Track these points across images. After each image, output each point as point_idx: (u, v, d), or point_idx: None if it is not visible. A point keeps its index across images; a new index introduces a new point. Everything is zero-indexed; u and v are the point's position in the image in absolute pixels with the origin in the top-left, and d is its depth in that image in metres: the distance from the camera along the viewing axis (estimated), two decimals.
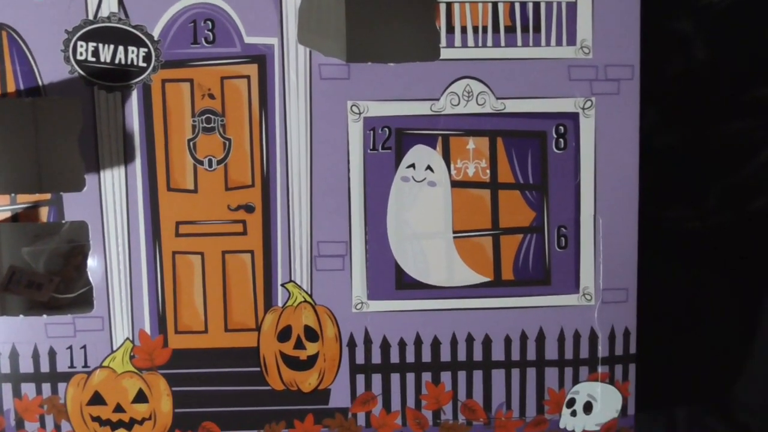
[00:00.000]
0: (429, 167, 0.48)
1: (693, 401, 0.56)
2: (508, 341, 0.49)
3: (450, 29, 0.47)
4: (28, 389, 0.48)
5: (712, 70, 0.56)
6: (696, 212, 0.58)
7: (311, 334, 0.48)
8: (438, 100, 0.47)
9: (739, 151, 0.57)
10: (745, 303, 0.58)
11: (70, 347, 0.47)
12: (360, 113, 0.47)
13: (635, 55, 0.47)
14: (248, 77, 0.47)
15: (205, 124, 0.47)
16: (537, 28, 0.47)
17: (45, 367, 0.47)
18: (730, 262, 0.58)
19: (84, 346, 0.47)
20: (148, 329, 0.47)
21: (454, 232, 0.48)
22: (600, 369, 0.49)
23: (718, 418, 0.56)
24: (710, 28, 0.56)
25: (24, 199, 0.47)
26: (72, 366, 0.47)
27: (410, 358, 0.49)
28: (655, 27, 0.48)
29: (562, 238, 0.49)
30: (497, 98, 0.47)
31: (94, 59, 0.46)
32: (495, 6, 0.47)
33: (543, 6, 0.47)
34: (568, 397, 0.49)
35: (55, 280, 0.51)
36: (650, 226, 0.51)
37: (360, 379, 0.49)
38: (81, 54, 0.46)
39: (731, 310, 0.58)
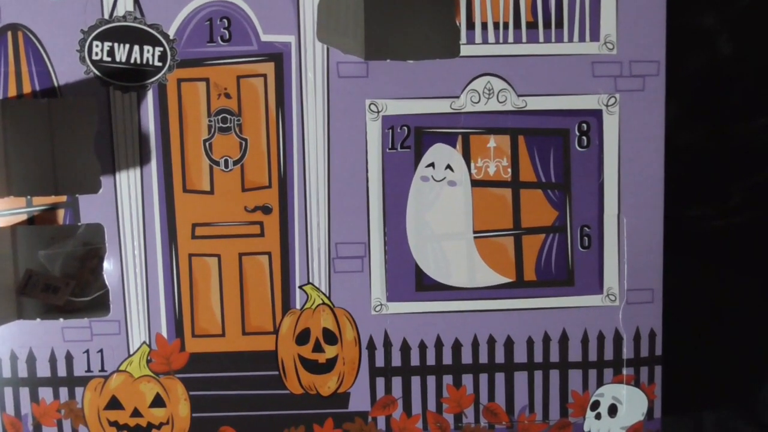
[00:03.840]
0: (449, 166, 0.47)
1: (720, 403, 0.54)
2: (530, 343, 0.48)
3: (470, 25, 0.46)
4: (46, 394, 0.47)
5: (738, 66, 0.55)
6: (722, 211, 0.57)
7: (330, 337, 0.47)
8: (458, 97, 0.46)
9: (763, 149, 0.56)
10: None
11: (87, 351, 0.47)
12: (378, 112, 0.46)
13: (661, 51, 0.46)
14: (265, 76, 0.46)
15: (221, 124, 0.46)
16: (559, 24, 0.46)
17: (62, 372, 0.47)
18: (757, 261, 0.57)
19: (101, 350, 0.47)
20: (165, 333, 0.47)
21: (475, 233, 0.47)
22: (625, 371, 0.48)
23: (746, 421, 0.55)
24: (736, 23, 0.54)
25: (40, 202, 0.47)
26: (89, 370, 0.47)
27: (431, 360, 0.48)
28: (680, 22, 0.47)
29: (586, 238, 0.48)
30: (519, 95, 0.46)
31: (109, 59, 0.45)
32: (516, 1, 0.46)
33: (566, 1, 0.46)
34: (593, 399, 0.48)
35: (72, 284, 0.51)
36: (676, 225, 0.50)
37: (380, 382, 0.48)
38: (96, 54, 0.45)
39: (759, 310, 0.57)
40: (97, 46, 0.45)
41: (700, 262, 0.57)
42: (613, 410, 0.48)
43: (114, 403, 0.47)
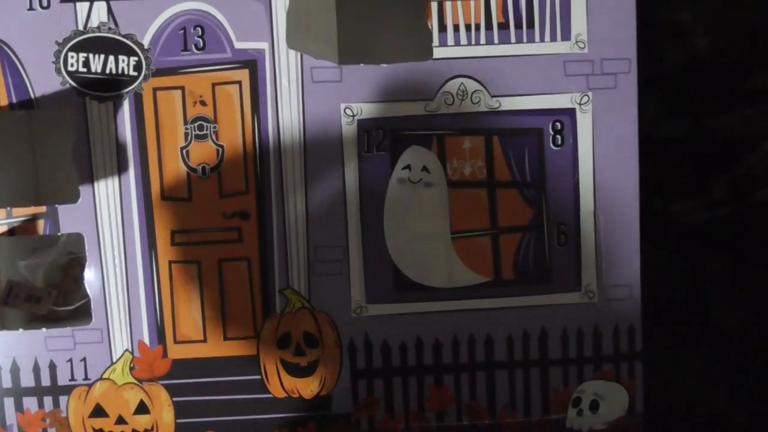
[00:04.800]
0: (425, 168, 0.47)
1: (702, 396, 0.55)
2: (510, 341, 0.48)
3: (442, 28, 0.46)
4: (30, 403, 0.48)
5: (713, 58, 0.55)
6: (700, 204, 0.57)
7: (311, 341, 0.48)
8: (432, 100, 0.47)
9: (743, 140, 0.56)
10: (752, 295, 0.57)
11: (70, 360, 0.47)
12: (353, 115, 0.47)
13: (632, 48, 0.46)
14: (239, 83, 0.46)
15: (197, 132, 0.46)
16: (530, 24, 0.46)
17: (46, 381, 0.47)
18: (736, 254, 0.57)
19: (84, 359, 0.47)
20: (147, 340, 0.47)
21: (452, 233, 0.48)
22: (605, 367, 0.48)
23: (729, 413, 0.55)
24: (709, 15, 0.55)
25: (20, 213, 0.47)
26: (73, 379, 0.47)
27: (412, 361, 0.48)
28: (651, 17, 0.47)
29: (562, 236, 0.48)
30: (492, 96, 0.47)
31: (85, 70, 0.46)
32: (487, 3, 0.46)
33: (536, 1, 0.46)
34: (574, 396, 0.49)
35: (54, 293, 0.51)
36: (654, 219, 0.50)
37: (362, 384, 0.48)
38: (72, 65, 0.46)
39: (738, 303, 0.57)
40: (72, 57, 0.46)
41: (682, 255, 0.58)
42: (594, 406, 0.49)
43: (98, 411, 0.48)
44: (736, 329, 0.56)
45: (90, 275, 0.47)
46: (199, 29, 0.46)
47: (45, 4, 0.45)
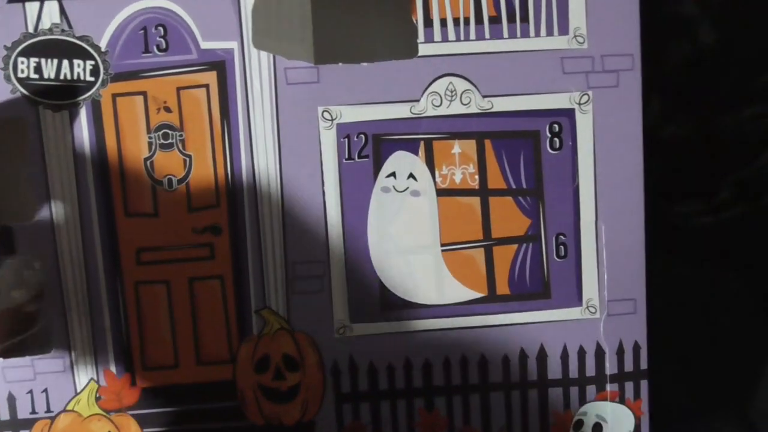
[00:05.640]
0: (411, 175, 0.44)
1: (711, 415, 0.52)
2: (506, 361, 0.46)
3: (428, 22, 0.43)
4: None
5: (720, 55, 0.52)
6: (711, 206, 0.54)
7: (291, 364, 0.45)
8: (418, 101, 0.44)
9: (752, 141, 0.53)
10: (763, 303, 0.54)
11: (31, 392, 0.44)
12: (332, 119, 0.44)
13: (635, 43, 0.43)
14: (207, 86, 0.43)
15: (162, 141, 0.43)
16: (525, 18, 0.43)
17: (5, 415, 0.44)
18: (746, 260, 0.54)
19: (45, 390, 0.44)
20: (113, 368, 0.44)
21: (442, 245, 0.45)
22: (609, 387, 0.46)
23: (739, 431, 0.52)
24: (716, 9, 0.51)
25: None
26: (34, 411, 0.44)
27: (400, 383, 0.45)
28: (655, 10, 0.44)
29: (561, 247, 0.45)
30: (483, 96, 0.44)
31: (36, 76, 0.42)
32: None
33: None
34: (575, 419, 0.46)
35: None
36: (659, 224, 0.47)
37: (347, 408, 0.45)
38: (22, 71, 0.42)
39: (749, 311, 0.54)
40: (22, 62, 0.42)
41: (687, 263, 0.55)
42: (597, 429, 0.46)
43: None
44: (748, 340, 0.54)
45: (49, 299, 0.43)
46: (161, 29, 0.43)
47: None
